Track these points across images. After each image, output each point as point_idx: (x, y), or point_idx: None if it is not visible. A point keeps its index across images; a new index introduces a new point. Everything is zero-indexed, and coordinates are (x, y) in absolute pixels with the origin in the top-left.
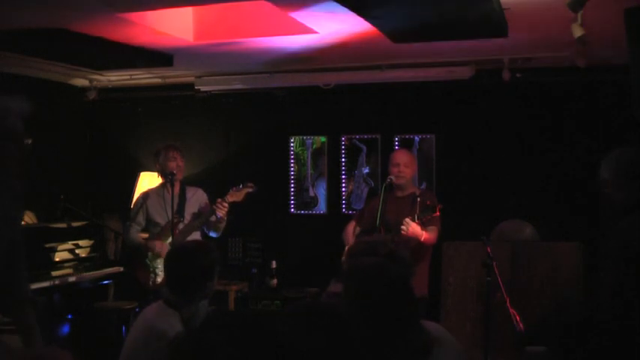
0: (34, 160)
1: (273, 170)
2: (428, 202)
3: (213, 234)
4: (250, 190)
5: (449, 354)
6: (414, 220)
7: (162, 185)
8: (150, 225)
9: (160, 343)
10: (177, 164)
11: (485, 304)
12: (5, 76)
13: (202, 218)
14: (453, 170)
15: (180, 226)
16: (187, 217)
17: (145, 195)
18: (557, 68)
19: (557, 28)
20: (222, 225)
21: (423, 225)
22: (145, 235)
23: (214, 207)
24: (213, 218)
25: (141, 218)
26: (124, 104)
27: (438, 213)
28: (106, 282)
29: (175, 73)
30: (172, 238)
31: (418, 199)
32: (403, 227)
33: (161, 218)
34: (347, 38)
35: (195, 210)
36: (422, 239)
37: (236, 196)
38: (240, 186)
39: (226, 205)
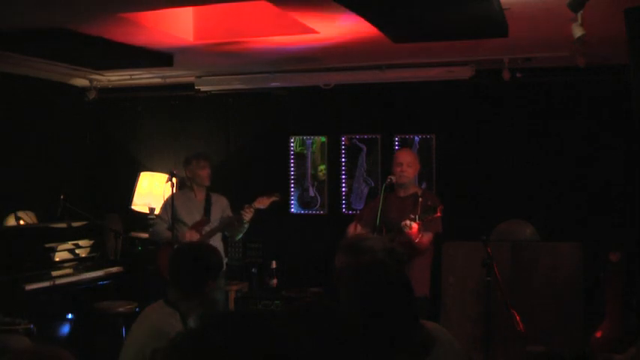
0: (34, 160)
1: (273, 170)
2: (429, 203)
3: (234, 238)
4: (276, 199)
5: (448, 353)
6: (414, 221)
7: (187, 190)
8: (177, 223)
9: (159, 343)
10: (207, 173)
11: (485, 304)
12: (5, 76)
13: (228, 222)
14: (453, 170)
15: (207, 228)
16: (213, 220)
17: (174, 196)
18: (557, 68)
19: (557, 28)
20: (244, 230)
21: (424, 226)
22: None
23: (242, 212)
24: (237, 224)
25: (167, 216)
26: (124, 104)
27: (439, 214)
28: (106, 282)
29: (175, 73)
30: (172, 237)
31: (420, 199)
32: (404, 228)
33: (188, 219)
34: (347, 38)
35: (219, 215)
36: (416, 241)
37: (263, 203)
38: (268, 194)
39: (252, 210)
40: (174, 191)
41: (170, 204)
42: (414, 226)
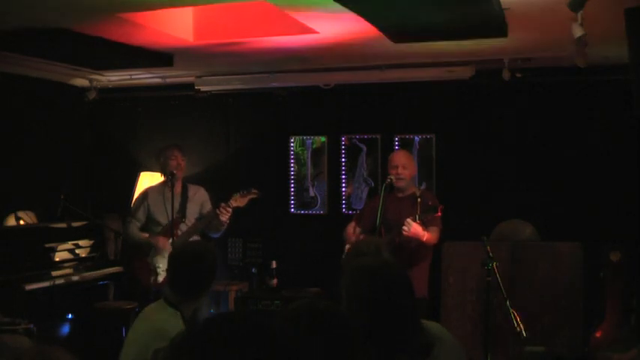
0: (34, 160)
1: (273, 170)
2: (429, 203)
3: (214, 235)
4: (254, 196)
5: (449, 353)
6: (415, 221)
7: (163, 184)
8: (151, 223)
9: (160, 343)
10: (177, 163)
11: (485, 304)
12: (5, 76)
13: (205, 221)
14: (453, 170)
15: (183, 227)
16: (190, 216)
17: (147, 192)
18: (557, 68)
19: (557, 28)
20: (224, 227)
21: (424, 225)
22: (146, 235)
23: (218, 211)
24: (215, 221)
25: (141, 215)
26: (124, 104)
27: (439, 213)
28: (106, 282)
29: (175, 73)
30: (172, 237)
31: (419, 199)
32: (404, 228)
33: (162, 217)
34: (347, 38)
35: (197, 209)
36: (424, 239)
37: (240, 201)
38: (244, 192)
39: (230, 210)
40: (147, 188)
41: (142, 202)
42: (414, 225)
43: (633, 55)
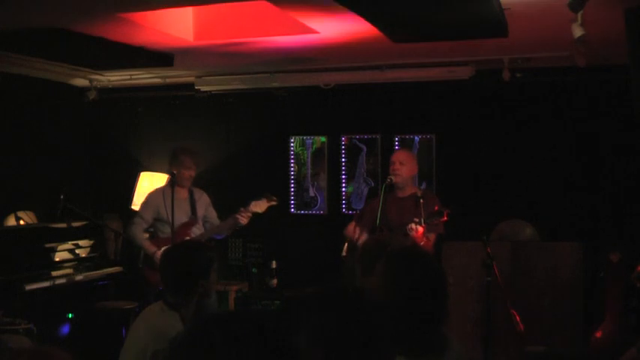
0: (34, 161)
1: (273, 170)
2: (436, 208)
3: (217, 236)
4: (274, 203)
5: (452, 356)
6: (420, 224)
7: (169, 186)
8: (159, 224)
9: (160, 344)
10: (190, 175)
11: (485, 304)
12: (5, 76)
13: (225, 227)
14: (453, 170)
15: (195, 230)
16: (199, 217)
17: (157, 193)
18: (557, 68)
19: (557, 28)
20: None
21: (428, 229)
22: (145, 237)
23: (238, 216)
24: (237, 226)
25: (149, 216)
26: (124, 104)
27: (445, 218)
28: (106, 282)
29: (175, 73)
30: (172, 238)
31: (421, 200)
32: (409, 231)
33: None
34: (347, 38)
35: (203, 212)
36: (421, 244)
37: (259, 207)
38: (265, 198)
39: (250, 215)
40: (157, 189)
41: (152, 203)
42: (420, 229)
43: (633, 55)
